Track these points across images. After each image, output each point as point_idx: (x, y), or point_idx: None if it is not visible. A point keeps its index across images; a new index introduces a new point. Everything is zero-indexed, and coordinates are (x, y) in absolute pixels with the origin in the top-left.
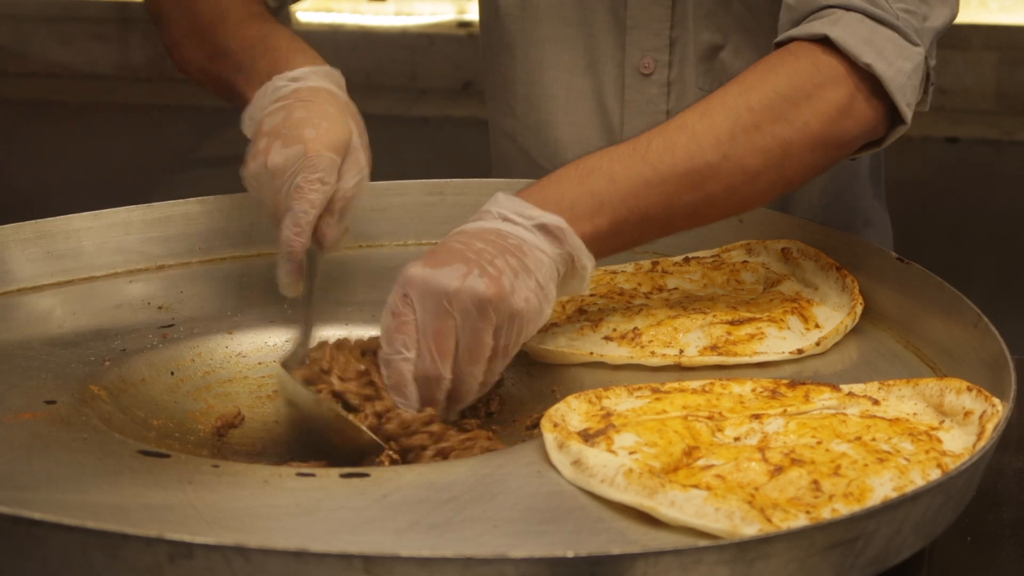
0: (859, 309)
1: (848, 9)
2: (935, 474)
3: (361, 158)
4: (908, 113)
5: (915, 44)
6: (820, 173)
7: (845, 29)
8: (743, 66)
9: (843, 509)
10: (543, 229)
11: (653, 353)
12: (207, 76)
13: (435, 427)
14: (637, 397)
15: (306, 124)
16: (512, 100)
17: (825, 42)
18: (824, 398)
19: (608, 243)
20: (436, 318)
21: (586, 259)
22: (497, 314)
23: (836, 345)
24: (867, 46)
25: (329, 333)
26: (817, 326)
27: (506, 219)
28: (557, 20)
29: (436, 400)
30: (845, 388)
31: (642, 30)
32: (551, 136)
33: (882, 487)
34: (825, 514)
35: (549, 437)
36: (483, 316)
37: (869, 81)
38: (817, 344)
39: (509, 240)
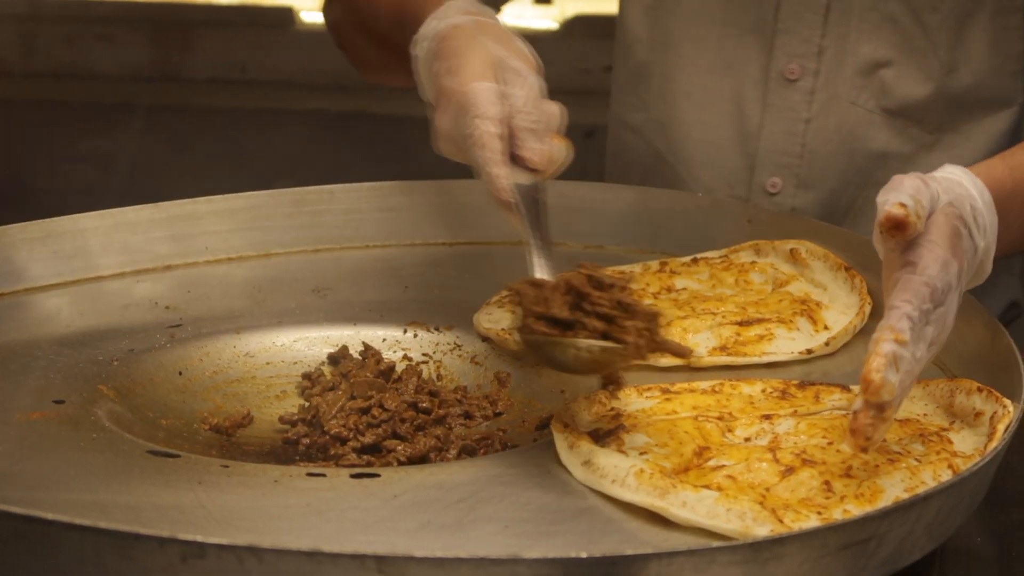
0: (868, 309)
1: None
2: (946, 475)
3: (521, 68)
4: None
5: None
6: None
7: None
8: (908, 87)
9: (854, 510)
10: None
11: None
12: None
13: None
14: (647, 397)
15: (443, 75)
16: (645, 94)
17: None
18: (834, 399)
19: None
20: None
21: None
22: None
23: (845, 346)
24: None
25: (337, 333)
26: (826, 328)
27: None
28: (701, 18)
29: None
30: (855, 389)
31: (792, 35)
32: (682, 134)
33: (893, 488)
34: (836, 515)
35: (559, 438)
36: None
37: None
38: (826, 344)
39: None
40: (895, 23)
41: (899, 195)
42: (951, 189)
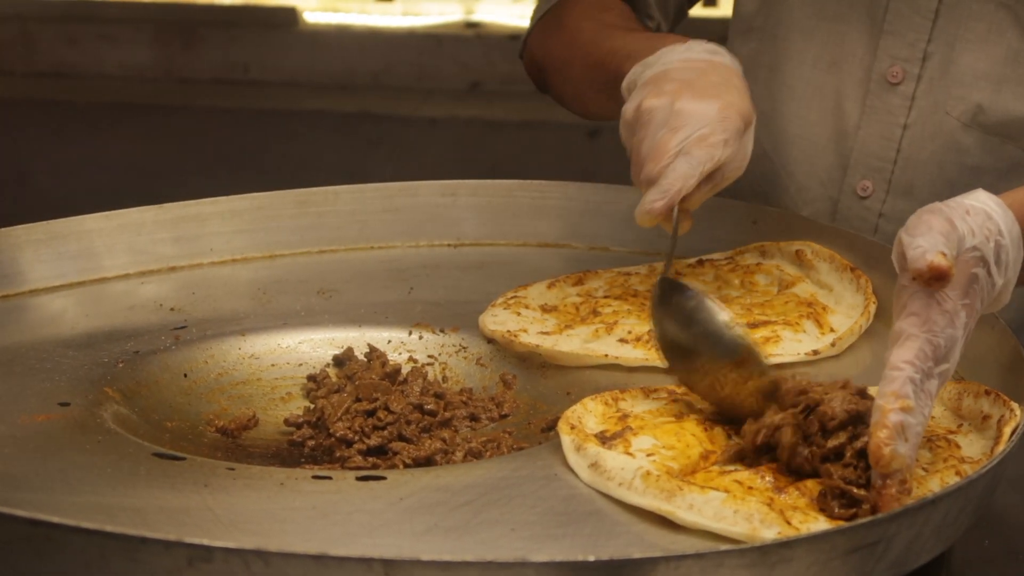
0: (873, 308)
1: None
2: (954, 483)
3: (750, 146)
4: None
5: None
6: None
7: None
8: (1008, 103)
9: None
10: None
11: None
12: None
13: None
14: (654, 399)
15: (723, 88)
16: (752, 84)
17: None
18: None
19: None
20: None
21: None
22: None
23: (851, 348)
24: None
25: (342, 335)
26: (832, 330)
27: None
28: (810, 12)
29: None
30: (872, 390)
31: (897, 37)
32: (780, 127)
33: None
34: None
35: (566, 439)
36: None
37: None
38: (832, 345)
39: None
40: (1002, 35)
41: (934, 241)
42: (981, 225)
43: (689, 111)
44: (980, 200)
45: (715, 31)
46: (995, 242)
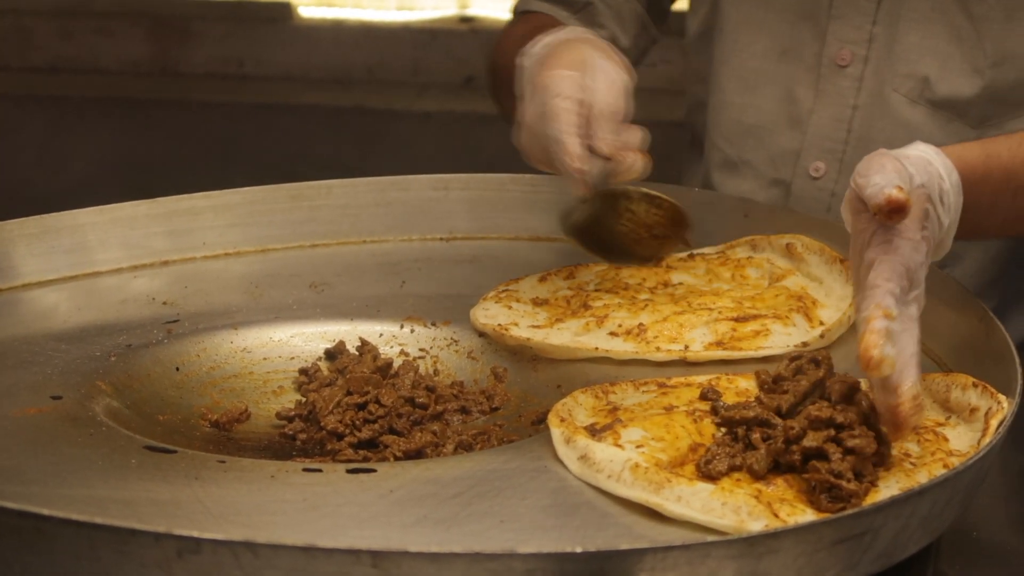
0: None
1: None
2: (941, 474)
3: (608, 67)
4: None
5: None
6: None
7: None
8: (954, 80)
9: (849, 507)
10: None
11: (658, 348)
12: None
13: None
14: (643, 392)
15: (535, 70)
16: (698, 82)
17: None
18: None
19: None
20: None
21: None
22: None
23: (841, 340)
24: None
25: (334, 328)
26: (822, 323)
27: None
28: (758, 4)
29: None
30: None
31: (844, 21)
32: (733, 118)
33: (888, 489)
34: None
35: (556, 432)
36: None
37: None
38: (821, 337)
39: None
40: (944, 12)
41: (889, 178)
42: (923, 169)
43: (556, 76)
44: (920, 149)
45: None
46: (938, 184)
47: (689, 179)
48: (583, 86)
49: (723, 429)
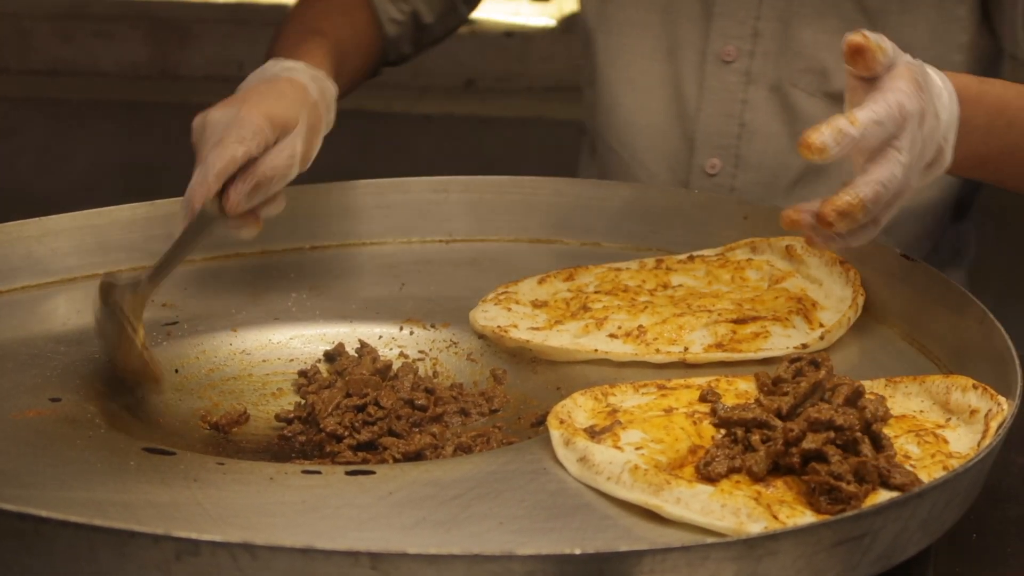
0: (861, 301)
1: None
2: (940, 476)
3: (299, 147)
4: None
5: None
6: None
7: None
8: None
9: (849, 509)
10: (938, 151)
11: (658, 351)
12: None
13: None
14: (643, 394)
15: (255, 94)
16: (589, 85)
17: None
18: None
19: (957, 169)
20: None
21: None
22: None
23: (841, 342)
24: None
25: (333, 331)
26: (822, 325)
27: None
28: (640, 6)
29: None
30: (868, 383)
31: (727, 17)
32: (624, 120)
33: (887, 491)
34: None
35: (555, 434)
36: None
37: None
38: (821, 339)
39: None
40: (836, 6)
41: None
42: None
43: (214, 121)
44: (910, 57)
45: None
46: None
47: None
48: (266, 140)
49: (722, 431)
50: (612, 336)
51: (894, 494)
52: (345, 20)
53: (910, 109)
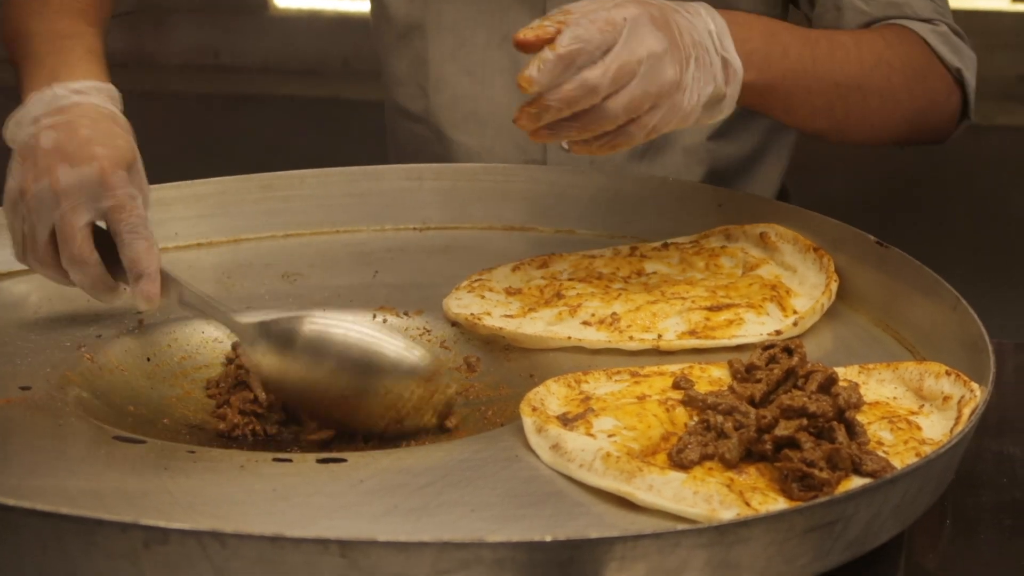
0: (834, 287)
1: (921, 20)
2: (913, 463)
3: (144, 179)
4: (973, 112)
5: (971, 49)
6: (889, 143)
7: (931, 35)
8: None
9: (821, 495)
10: (723, 63)
11: (632, 338)
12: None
13: None
14: (616, 381)
15: (95, 143)
16: (424, 82)
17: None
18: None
19: (749, 98)
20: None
21: (729, 104)
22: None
23: (815, 329)
24: (953, 54)
25: None
26: (795, 312)
27: (709, 32)
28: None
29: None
30: (840, 370)
31: (558, 1)
32: (470, 111)
33: (860, 478)
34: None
35: (528, 421)
36: (661, 74)
37: (956, 83)
38: (795, 325)
39: (696, 50)
40: None
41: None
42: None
43: (73, 185)
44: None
45: None
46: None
47: None
48: (137, 196)
49: (695, 418)
50: (586, 323)
51: (867, 481)
52: None
53: (622, 17)
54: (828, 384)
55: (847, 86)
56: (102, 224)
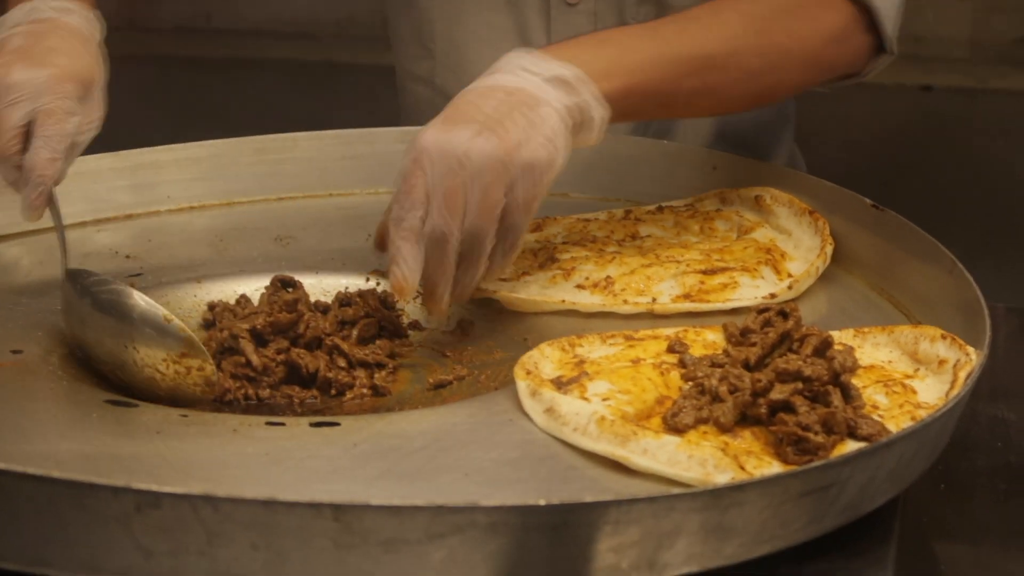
0: (829, 250)
1: None
2: (908, 426)
3: (99, 108)
4: (894, 45)
5: None
6: (800, 91)
7: None
8: (685, 5)
9: (816, 459)
10: (557, 81)
11: (626, 301)
12: None
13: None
14: (610, 344)
15: (60, 53)
16: (430, 42)
17: None
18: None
19: (615, 107)
20: (447, 177)
21: (598, 110)
22: (508, 169)
23: (810, 292)
24: None
25: (302, 282)
26: (790, 275)
27: (523, 69)
28: None
29: (444, 264)
30: (835, 333)
31: None
32: (474, 73)
33: (855, 442)
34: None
35: (522, 385)
36: (494, 172)
37: (863, 12)
38: (789, 288)
39: (518, 96)
40: None
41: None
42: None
43: (21, 82)
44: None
45: None
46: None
47: None
48: (78, 112)
49: (690, 382)
50: (580, 287)
51: (862, 445)
52: None
53: (410, 162)
54: (823, 348)
55: (706, 61)
56: None
